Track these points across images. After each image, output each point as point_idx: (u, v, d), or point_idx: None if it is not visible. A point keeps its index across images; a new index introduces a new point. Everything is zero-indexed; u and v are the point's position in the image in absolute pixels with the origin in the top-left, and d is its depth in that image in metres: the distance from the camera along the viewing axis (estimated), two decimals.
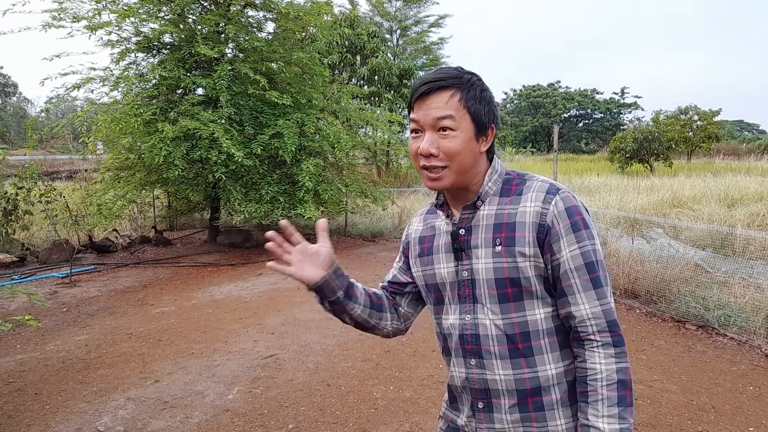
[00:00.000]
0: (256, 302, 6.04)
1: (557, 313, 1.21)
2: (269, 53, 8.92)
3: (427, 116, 1.17)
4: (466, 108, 1.16)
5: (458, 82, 1.16)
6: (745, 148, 36.59)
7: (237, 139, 7.82)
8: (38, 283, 6.98)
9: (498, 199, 1.23)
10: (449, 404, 1.38)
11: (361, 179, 10.23)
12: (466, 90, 1.16)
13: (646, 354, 4.39)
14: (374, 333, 1.44)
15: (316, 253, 1.32)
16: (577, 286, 1.15)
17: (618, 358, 1.14)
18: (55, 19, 7.84)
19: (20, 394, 3.73)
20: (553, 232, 1.15)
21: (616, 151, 24.01)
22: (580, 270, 1.15)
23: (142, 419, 3.34)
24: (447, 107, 1.15)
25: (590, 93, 54.76)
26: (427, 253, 1.33)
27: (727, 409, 3.43)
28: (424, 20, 21.80)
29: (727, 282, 5.49)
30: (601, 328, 1.15)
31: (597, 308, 1.15)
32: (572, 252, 1.15)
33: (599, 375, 1.13)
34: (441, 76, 1.17)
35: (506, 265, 1.17)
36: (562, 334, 1.21)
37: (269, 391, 3.74)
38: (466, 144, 1.16)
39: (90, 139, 8.50)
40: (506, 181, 1.25)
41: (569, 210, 1.16)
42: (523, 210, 1.18)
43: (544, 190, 1.18)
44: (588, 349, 1.15)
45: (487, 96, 1.20)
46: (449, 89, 1.16)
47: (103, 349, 4.58)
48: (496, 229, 1.20)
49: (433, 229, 1.35)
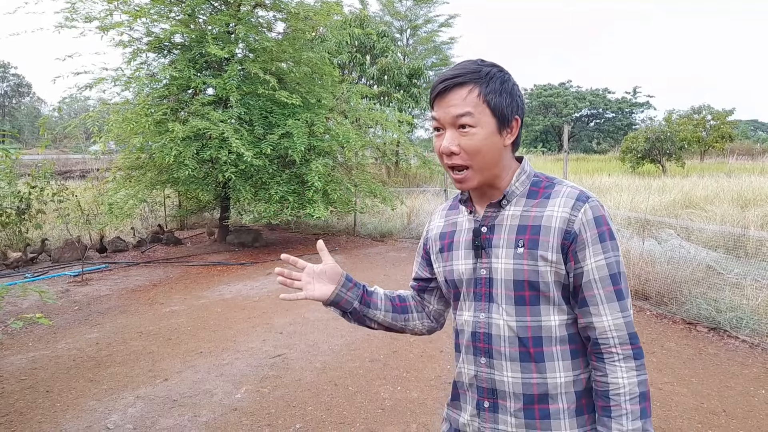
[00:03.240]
0: (264, 302, 6.07)
1: (571, 321, 1.20)
2: (279, 53, 8.95)
3: (447, 114, 1.16)
4: (486, 103, 1.14)
5: (476, 77, 1.15)
6: (759, 148, 36.21)
7: (247, 139, 7.85)
8: (50, 282, 7.06)
9: (524, 201, 1.21)
10: (451, 402, 1.37)
11: (371, 179, 10.22)
12: (485, 84, 1.15)
13: (657, 356, 4.35)
14: (407, 333, 1.50)
15: (322, 272, 1.36)
16: (600, 297, 1.15)
17: (639, 371, 1.14)
18: (67, 19, 7.92)
19: (32, 391, 3.78)
20: (579, 240, 1.14)
21: (628, 151, 23.82)
22: (604, 281, 1.15)
23: (151, 417, 3.37)
24: (465, 103, 1.14)
25: (602, 92, 54.42)
26: (448, 249, 1.32)
27: (738, 413, 3.39)
28: (434, 19, 21.75)
29: (740, 284, 5.42)
30: (623, 340, 1.14)
31: (619, 320, 1.15)
32: (597, 262, 1.14)
33: (622, 389, 1.12)
34: (458, 72, 1.16)
35: (527, 268, 1.16)
36: (575, 343, 1.20)
37: (277, 391, 3.75)
38: (487, 140, 1.15)
39: (101, 139, 8.58)
40: (534, 183, 1.24)
41: (597, 219, 1.15)
42: (549, 214, 1.17)
43: (573, 197, 1.17)
44: (609, 363, 1.14)
45: (509, 87, 1.17)
46: (467, 85, 1.14)
47: (113, 348, 4.63)
48: (519, 230, 1.19)
49: (454, 225, 1.34)
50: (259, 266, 8.03)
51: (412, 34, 21.78)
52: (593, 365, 1.18)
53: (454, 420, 1.34)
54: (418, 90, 18.74)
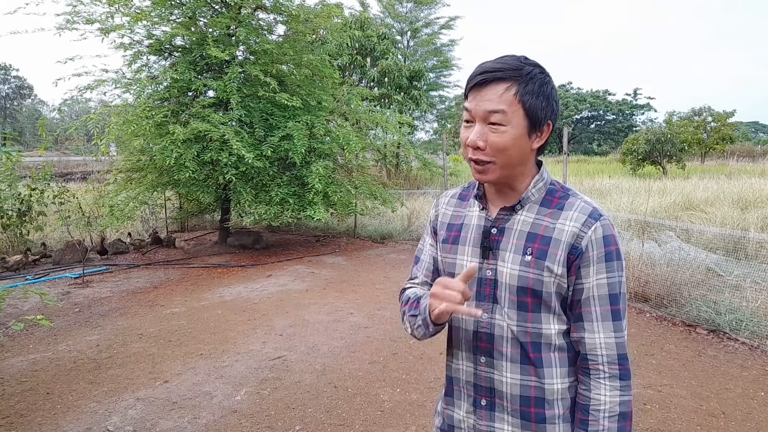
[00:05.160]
0: (265, 304, 6.07)
1: (569, 331, 1.21)
2: (279, 55, 8.96)
3: (479, 107, 1.13)
4: (521, 103, 1.12)
5: (516, 74, 1.12)
6: (760, 150, 36.19)
7: (247, 141, 7.86)
8: (51, 284, 7.07)
9: (537, 208, 1.21)
10: (444, 397, 1.37)
11: (371, 181, 10.22)
12: (524, 83, 1.12)
13: (656, 358, 4.35)
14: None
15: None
16: (596, 314, 1.16)
17: (623, 391, 1.15)
18: (68, 22, 7.94)
19: (32, 393, 3.78)
20: (585, 257, 1.15)
21: (628, 153, 23.85)
22: (602, 299, 1.16)
23: (151, 419, 3.37)
24: (500, 101, 1.11)
25: (602, 94, 54.45)
26: (453, 241, 1.31)
27: (737, 415, 3.39)
28: (435, 22, 21.79)
29: (739, 286, 5.43)
30: (611, 360, 1.15)
31: (611, 340, 1.16)
32: (599, 280, 1.15)
33: (602, 406, 1.14)
34: (500, 66, 1.13)
35: (532, 276, 1.17)
36: (573, 351, 1.22)
37: (276, 393, 3.76)
38: (515, 140, 1.13)
39: (102, 141, 8.60)
40: (549, 192, 1.23)
41: (606, 238, 1.15)
42: (561, 227, 1.17)
43: (586, 213, 1.17)
44: (594, 379, 1.16)
45: (547, 90, 1.15)
46: (506, 81, 1.12)
47: (114, 350, 4.63)
48: (529, 237, 1.19)
49: (461, 218, 1.33)
50: (260, 268, 8.04)
51: (413, 37, 21.80)
52: (579, 378, 1.20)
53: (449, 416, 1.34)
54: (418, 92, 18.75)
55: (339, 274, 7.52)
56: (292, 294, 6.48)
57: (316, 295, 6.40)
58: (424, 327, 1.25)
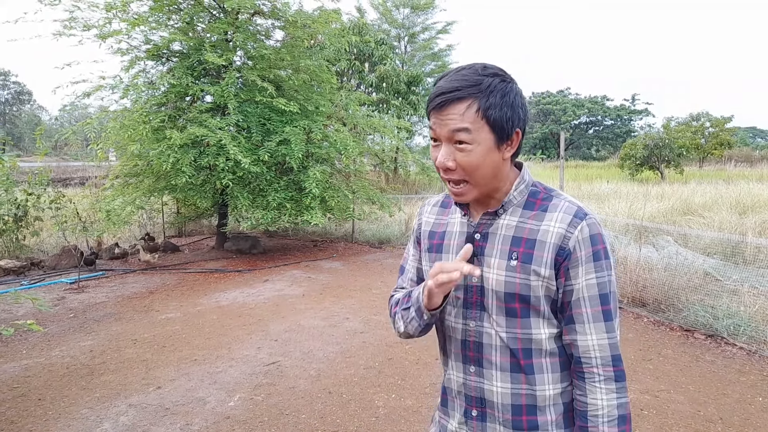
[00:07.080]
0: (260, 309, 6.04)
1: (561, 334, 1.19)
2: (277, 61, 8.96)
3: (443, 128, 1.10)
4: (485, 119, 1.08)
5: (476, 90, 1.08)
6: (758, 155, 36.26)
7: (244, 146, 7.85)
8: (47, 289, 7.03)
9: (521, 211, 1.19)
10: (441, 406, 1.35)
11: (369, 186, 10.21)
12: (485, 98, 1.08)
13: (653, 363, 4.33)
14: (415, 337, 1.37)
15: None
16: (587, 316, 1.13)
17: (619, 394, 1.12)
18: (66, 27, 7.94)
19: (24, 399, 3.75)
20: (573, 258, 1.12)
21: (627, 158, 23.90)
22: (593, 300, 1.13)
23: (143, 426, 3.34)
24: (462, 119, 1.08)
25: (600, 99, 54.58)
26: (436, 250, 1.29)
27: (734, 421, 3.36)
28: (432, 27, 21.82)
29: (737, 291, 5.41)
30: (605, 361, 1.13)
31: (604, 341, 1.13)
32: (588, 281, 1.13)
33: (600, 411, 1.12)
34: (457, 84, 1.09)
35: (519, 281, 1.14)
36: (564, 356, 1.19)
37: (270, 399, 3.73)
38: (484, 157, 1.10)
39: (99, 146, 8.58)
40: (532, 194, 1.21)
41: (593, 238, 1.13)
42: (546, 229, 1.14)
43: (571, 213, 1.14)
44: (589, 383, 1.14)
45: (510, 99, 1.10)
46: (466, 100, 1.08)
47: (107, 355, 4.60)
48: (514, 242, 1.17)
49: (444, 225, 1.31)
50: (257, 273, 8.01)
51: (410, 42, 21.83)
52: (575, 383, 1.18)
53: (443, 426, 1.32)
54: (416, 97, 18.76)
55: (336, 279, 7.49)
56: (288, 299, 6.45)
57: (312, 300, 6.37)
58: (418, 317, 1.21)
